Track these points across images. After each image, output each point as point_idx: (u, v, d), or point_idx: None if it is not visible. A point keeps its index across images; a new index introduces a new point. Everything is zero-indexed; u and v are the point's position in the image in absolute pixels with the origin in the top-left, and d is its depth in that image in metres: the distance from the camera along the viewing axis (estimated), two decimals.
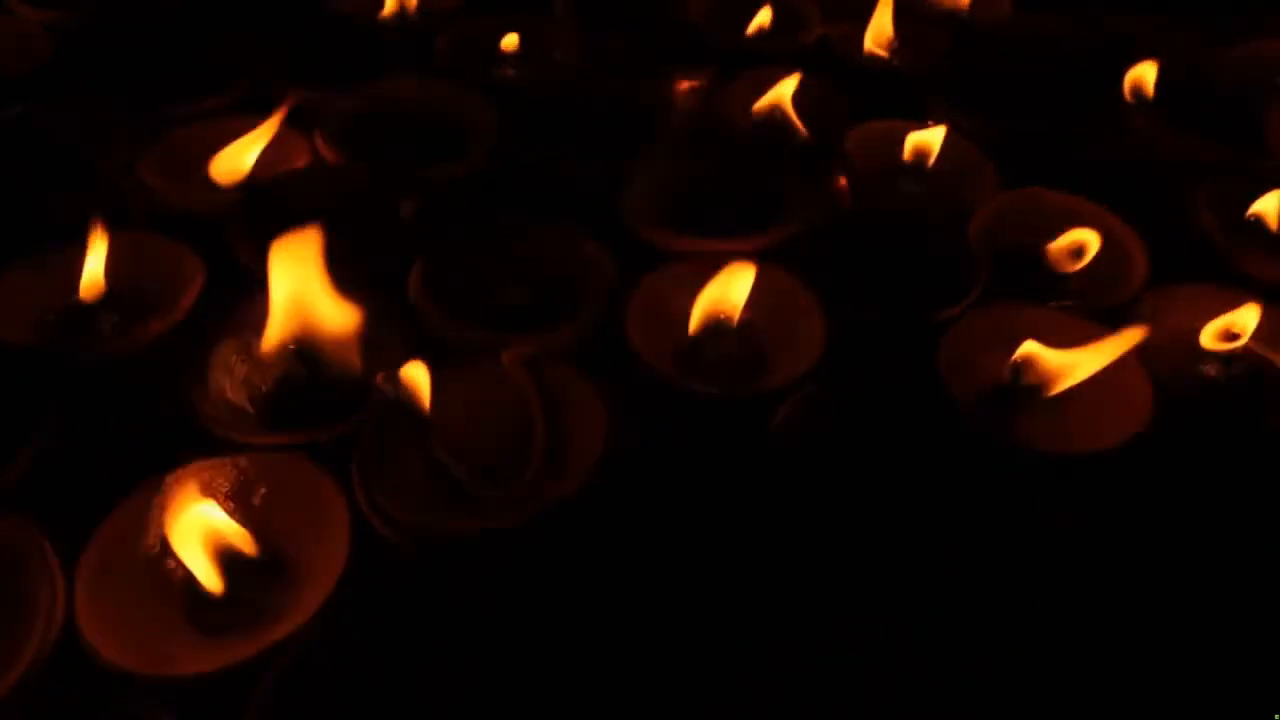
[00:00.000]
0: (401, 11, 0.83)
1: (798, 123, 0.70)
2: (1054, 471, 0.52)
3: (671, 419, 0.54)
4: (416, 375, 0.49)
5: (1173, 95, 0.76)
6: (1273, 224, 0.63)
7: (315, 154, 0.69)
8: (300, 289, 0.53)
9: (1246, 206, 0.64)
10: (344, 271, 0.55)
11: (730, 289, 0.54)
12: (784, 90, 0.71)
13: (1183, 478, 0.54)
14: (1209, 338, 0.57)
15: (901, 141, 0.69)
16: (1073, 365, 0.52)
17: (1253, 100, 0.75)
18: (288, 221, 0.64)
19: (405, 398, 0.49)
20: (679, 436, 0.53)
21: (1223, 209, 0.63)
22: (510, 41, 0.80)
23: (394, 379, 0.49)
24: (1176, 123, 0.74)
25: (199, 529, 0.44)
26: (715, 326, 0.56)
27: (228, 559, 0.44)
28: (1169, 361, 0.58)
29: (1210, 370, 0.57)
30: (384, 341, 0.55)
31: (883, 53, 0.80)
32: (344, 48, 0.81)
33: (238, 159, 0.67)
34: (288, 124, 0.70)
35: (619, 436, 0.48)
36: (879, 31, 0.79)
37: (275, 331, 0.53)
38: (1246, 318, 0.56)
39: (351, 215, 0.64)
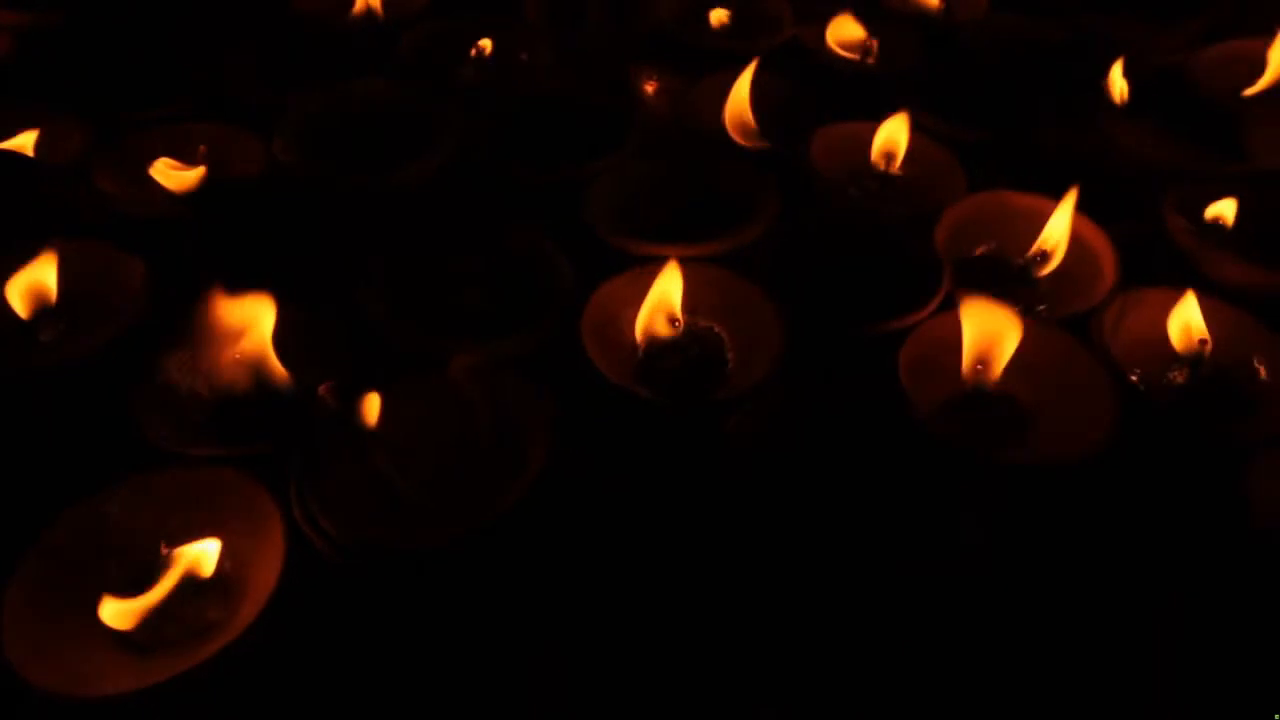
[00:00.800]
0: (368, 12, 0.82)
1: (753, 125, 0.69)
2: (1015, 479, 0.51)
3: (626, 426, 0.53)
4: (360, 386, 0.48)
5: (1147, 96, 0.74)
6: (1228, 224, 0.61)
7: (271, 157, 0.67)
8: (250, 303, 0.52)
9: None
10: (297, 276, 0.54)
11: (668, 291, 0.53)
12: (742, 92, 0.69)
13: (1150, 484, 0.53)
14: (1179, 338, 0.56)
15: (868, 144, 0.68)
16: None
17: (1228, 102, 0.74)
18: (241, 227, 0.64)
19: (348, 409, 0.48)
20: (632, 443, 0.52)
21: (1192, 212, 0.62)
22: (484, 45, 0.79)
23: (337, 390, 0.48)
24: (1151, 124, 0.73)
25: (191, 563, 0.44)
26: (667, 332, 0.54)
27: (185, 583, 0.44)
28: (1137, 367, 0.57)
29: (1178, 376, 0.56)
30: (333, 349, 0.54)
31: (849, 53, 0.78)
32: (310, 49, 0.80)
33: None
34: (244, 127, 0.70)
35: (566, 446, 0.47)
36: (842, 31, 0.78)
37: (224, 343, 0.52)
38: (1190, 315, 0.55)
39: (307, 220, 0.64)
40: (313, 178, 0.65)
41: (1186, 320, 0.56)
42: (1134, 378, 0.56)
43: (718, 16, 0.83)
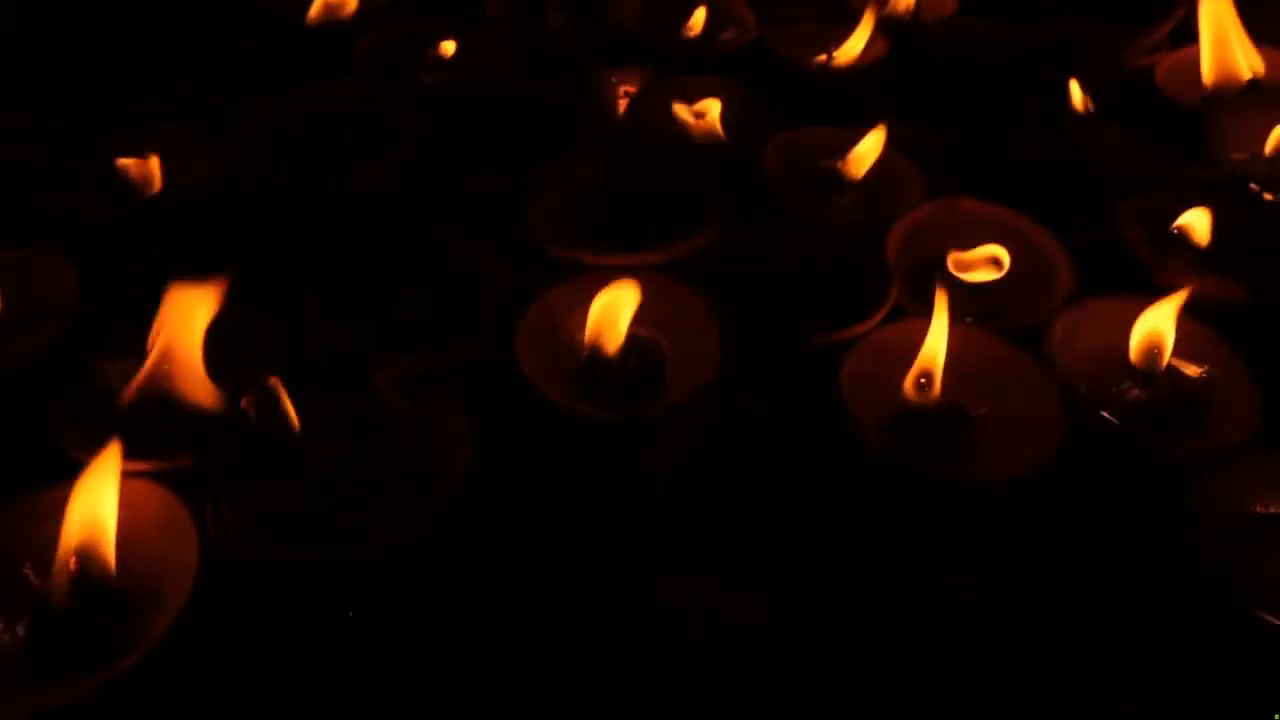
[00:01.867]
0: (331, 13, 0.81)
1: (718, 129, 0.68)
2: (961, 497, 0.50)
3: (564, 439, 0.52)
4: (284, 398, 0.47)
5: (1115, 101, 0.73)
6: (1198, 238, 0.60)
7: (221, 162, 0.66)
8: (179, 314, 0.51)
9: (1175, 218, 0.61)
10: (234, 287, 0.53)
11: (615, 308, 0.52)
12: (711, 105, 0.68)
13: (1095, 501, 0.51)
14: (1133, 353, 0.54)
15: (825, 148, 0.66)
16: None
17: (1196, 106, 0.72)
18: (185, 233, 0.63)
19: (271, 421, 0.47)
20: (565, 458, 0.51)
21: (1150, 221, 0.61)
22: (444, 48, 0.78)
23: (261, 401, 0.47)
24: (1118, 129, 0.71)
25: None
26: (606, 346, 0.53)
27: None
28: (1088, 381, 0.55)
29: (1131, 391, 0.55)
30: (264, 360, 0.53)
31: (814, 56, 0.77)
32: (274, 52, 0.79)
33: None
34: (201, 129, 0.69)
35: (498, 462, 0.46)
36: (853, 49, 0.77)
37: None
38: (1160, 324, 0.54)
39: (255, 224, 0.63)
40: (262, 181, 0.64)
41: (1151, 332, 0.54)
42: (1084, 391, 0.55)
43: (697, 19, 0.82)
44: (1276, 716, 0.42)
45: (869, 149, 0.64)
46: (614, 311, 0.52)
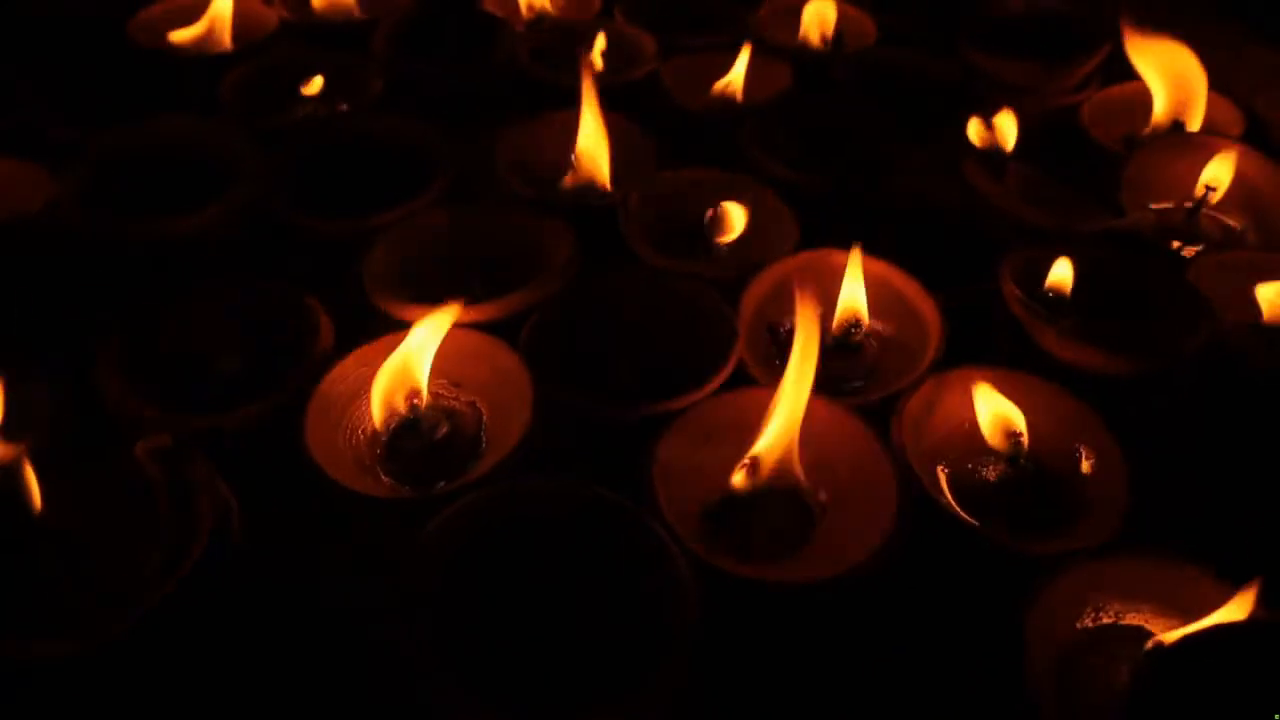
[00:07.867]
0: (205, 47, 0.78)
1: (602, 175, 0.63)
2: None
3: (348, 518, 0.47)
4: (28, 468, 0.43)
5: (1032, 142, 0.67)
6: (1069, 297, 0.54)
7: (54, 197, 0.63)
8: None
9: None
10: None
11: (409, 360, 0.48)
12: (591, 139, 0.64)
13: (934, 607, 0.46)
14: (989, 432, 0.49)
15: (693, 194, 0.61)
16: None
17: (1117, 150, 0.67)
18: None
19: (13, 493, 0.43)
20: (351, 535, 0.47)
21: (1032, 280, 0.55)
22: (314, 86, 0.74)
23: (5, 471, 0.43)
24: (1027, 175, 0.66)
25: None
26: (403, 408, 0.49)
27: None
28: (944, 460, 0.50)
29: (990, 472, 0.49)
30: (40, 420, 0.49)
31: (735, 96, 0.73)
32: (139, 81, 0.75)
33: None
34: (36, 162, 0.65)
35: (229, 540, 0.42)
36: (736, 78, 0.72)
37: None
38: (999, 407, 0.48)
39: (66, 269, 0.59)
40: (80, 221, 0.60)
41: (997, 412, 0.49)
42: (942, 471, 0.49)
43: (596, 49, 0.78)
44: (1277, 717, 0.37)
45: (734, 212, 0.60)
46: (406, 368, 0.47)
